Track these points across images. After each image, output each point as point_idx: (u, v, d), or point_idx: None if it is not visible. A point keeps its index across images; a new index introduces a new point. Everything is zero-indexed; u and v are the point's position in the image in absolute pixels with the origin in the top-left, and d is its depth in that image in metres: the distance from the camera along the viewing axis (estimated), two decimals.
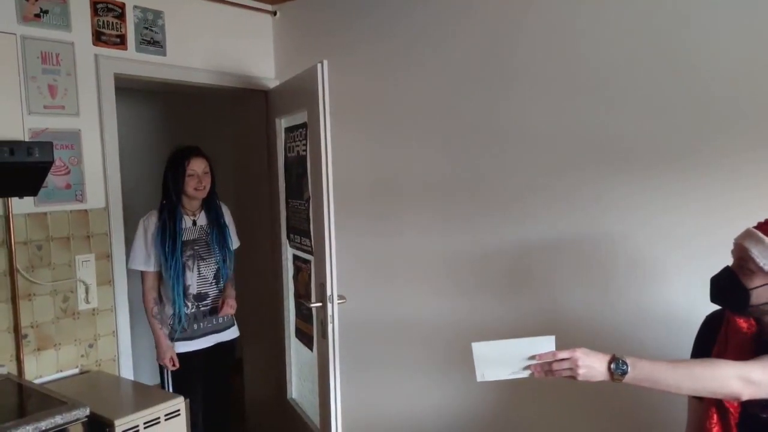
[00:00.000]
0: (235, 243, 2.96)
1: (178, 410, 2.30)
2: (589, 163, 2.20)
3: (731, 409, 1.43)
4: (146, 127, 4.50)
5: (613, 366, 1.28)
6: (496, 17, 2.42)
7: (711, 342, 1.54)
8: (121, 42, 2.72)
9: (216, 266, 2.78)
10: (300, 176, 2.93)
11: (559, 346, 1.34)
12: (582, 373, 1.29)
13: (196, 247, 2.73)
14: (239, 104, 3.51)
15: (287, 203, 3.17)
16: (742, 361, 1.32)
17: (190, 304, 2.71)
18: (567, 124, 2.24)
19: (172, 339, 2.69)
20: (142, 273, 2.67)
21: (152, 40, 2.84)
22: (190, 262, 2.69)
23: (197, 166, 2.69)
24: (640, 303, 2.11)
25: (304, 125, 2.79)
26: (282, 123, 3.17)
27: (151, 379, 4.26)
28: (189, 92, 4.04)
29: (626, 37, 2.09)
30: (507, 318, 2.45)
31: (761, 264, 1.37)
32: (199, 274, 2.73)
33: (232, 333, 2.90)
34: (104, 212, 2.66)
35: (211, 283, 2.78)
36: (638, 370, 1.27)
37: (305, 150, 2.80)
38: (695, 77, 1.95)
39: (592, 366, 1.29)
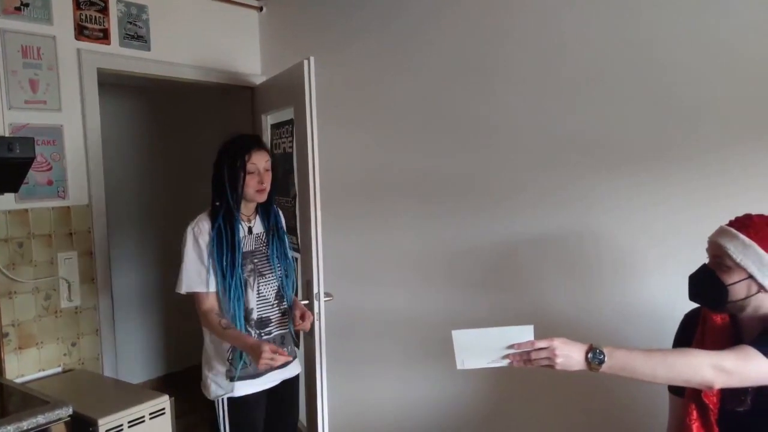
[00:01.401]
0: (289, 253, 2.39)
1: (163, 409, 2.28)
2: (572, 160, 2.20)
3: (710, 405, 1.44)
4: (130, 124, 4.45)
5: (590, 356, 1.29)
6: (483, 16, 2.41)
7: (689, 341, 1.56)
8: (104, 36, 2.69)
9: (277, 283, 2.21)
10: (286, 173, 2.91)
11: (535, 336, 1.35)
12: (560, 362, 1.30)
13: (255, 261, 2.17)
14: (225, 100, 3.49)
15: (274, 200, 3.14)
16: (716, 350, 1.34)
17: (252, 332, 2.13)
18: (551, 122, 2.25)
19: (231, 379, 2.12)
20: (198, 295, 2.10)
21: (136, 35, 2.81)
22: (250, 280, 2.14)
23: (259, 161, 2.12)
24: (622, 299, 2.12)
25: (290, 122, 2.78)
26: (268, 119, 3.15)
27: (135, 377, 4.24)
28: (174, 88, 4.00)
29: (607, 37, 2.09)
30: (491, 314, 2.44)
31: (737, 260, 1.39)
32: (259, 294, 2.16)
33: (296, 366, 2.34)
34: (87, 209, 2.62)
35: (273, 304, 2.20)
36: (615, 360, 1.29)
37: (291, 147, 2.78)
38: (675, 75, 1.96)
39: (570, 355, 1.30)
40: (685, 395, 1.52)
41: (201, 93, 4.19)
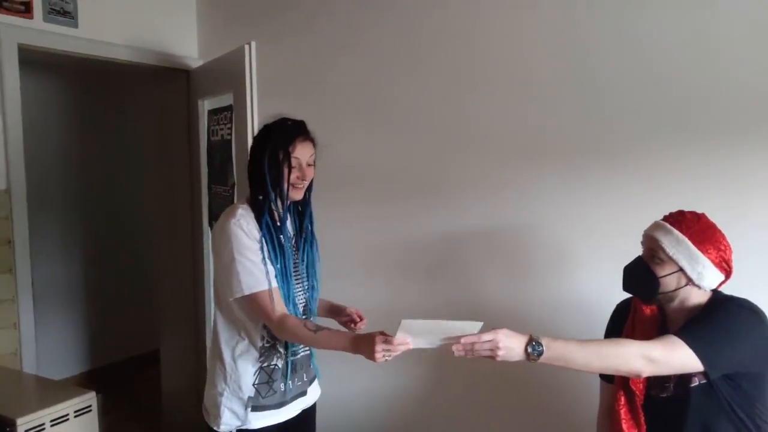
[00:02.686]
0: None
1: (89, 406, 2.16)
2: (514, 157, 2.25)
3: (637, 392, 1.53)
4: (56, 106, 4.21)
5: (529, 349, 1.34)
6: (430, 7, 2.40)
7: (620, 330, 1.64)
8: (26, 10, 2.51)
9: (305, 295, 1.85)
10: (224, 161, 2.82)
11: (482, 331, 1.37)
12: (501, 354, 1.33)
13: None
14: (159, 84, 3.34)
15: (210, 189, 3.05)
16: (646, 340, 1.41)
17: (281, 351, 1.78)
18: (497, 119, 2.28)
19: (254, 409, 1.74)
20: (261, 298, 1.66)
21: (62, 10, 2.64)
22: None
23: (303, 153, 1.75)
24: (558, 289, 2.19)
25: (229, 108, 2.69)
26: (205, 105, 3.04)
27: (58, 373, 4.03)
28: (104, 69, 3.80)
29: (551, 38, 2.15)
30: (434, 307, 2.46)
31: (670, 253, 1.47)
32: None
33: (316, 391, 1.97)
34: (5, 195, 2.45)
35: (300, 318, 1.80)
36: (552, 351, 1.34)
37: (230, 134, 2.70)
38: (604, 78, 2.04)
39: (511, 347, 1.34)
40: (614, 382, 1.60)
41: (133, 75, 4.01)
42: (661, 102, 1.95)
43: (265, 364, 1.75)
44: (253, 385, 1.74)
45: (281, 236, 1.73)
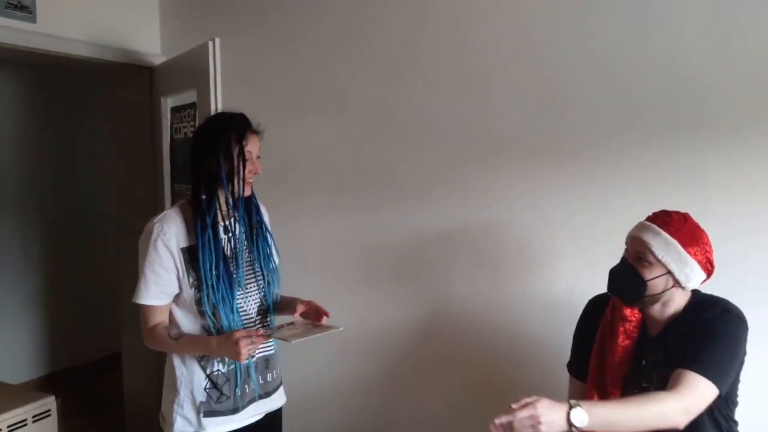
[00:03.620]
0: (275, 256, 1.92)
1: (48, 410, 2.12)
2: (482, 155, 2.26)
3: (612, 391, 1.52)
4: (14, 104, 4.09)
5: (574, 419, 1.26)
6: (397, 6, 2.41)
7: (595, 325, 1.64)
8: None
9: (260, 295, 1.80)
10: (187, 160, 2.77)
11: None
12: (544, 430, 1.25)
13: (232, 268, 1.75)
14: (121, 81, 3.28)
15: (173, 188, 3.00)
16: (673, 390, 1.35)
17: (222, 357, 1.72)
18: (462, 117, 2.29)
19: (207, 414, 1.70)
20: (147, 309, 1.69)
21: (20, 5, 2.56)
22: None
23: (254, 146, 1.72)
24: (527, 289, 2.21)
25: (192, 105, 2.66)
26: (168, 102, 2.99)
27: (15, 377, 3.92)
28: (64, 66, 3.71)
29: (517, 34, 2.17)
30: (398, 308, 2.48)
31: (659, 256, 1.44)
32: (239, 309, 1.75)
33: (281, 396, 1.91)
34: None
35: (255, 321, 1.79)
36: (594, 417, 1.28)
37: (194, 132, 2.66)
38: (570, 77, 2.07)
39: (553, 420, 1.26)
40: (587, 381, 1.59)
41: (94, 72, 3.91)
42: (625, 98, 1.98)
43: (208, 371, 1.70)
44: (205, 389, 1.70)
45: (217, 236, 1.68)
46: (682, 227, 1.46)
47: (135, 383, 3.41)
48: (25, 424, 2.04)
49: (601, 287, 1.64)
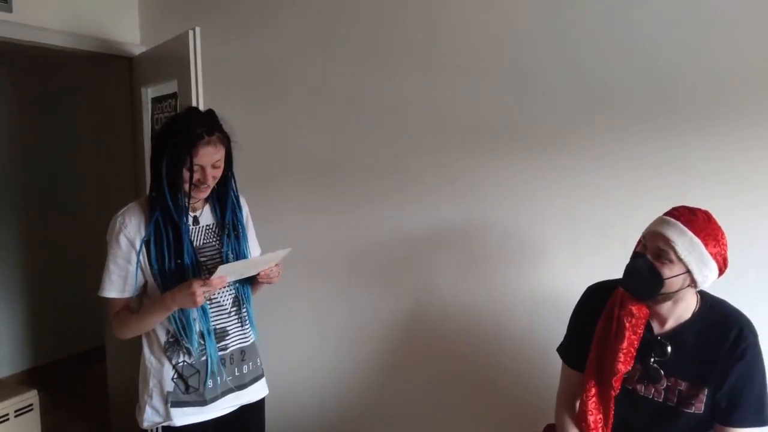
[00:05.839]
0: (255, 250, 1.96)
1: (31, 405, 2.11)
2: (469, 149, 2.24)
3: (615, 386, 1.49)
4: None
5: None
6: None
7: (594, 314, 1.59)
8: None
9: (234, 288, 1.80)
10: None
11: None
12: None
13: (202, 259, 1.74)
14: (100, 71, 3.24)
15: None
16: None
17: (188, 348, 1.71)
18: (447, 109, 2.26)
19: (173, 404, 1.71)
20: (112, 301, 1.73)
21: None
22: None
23: (207, 159, 1.65)
24: (516, 284, 2.19)
25: (173, 95, 2.63)
26: (148, 93, 2.96)
27: None
28: (42, 56, 3.64)
29: (504, 20, 2.13)
30: (383, 301, 2.47)
31: (682, 255, 1.39)
32: (211, 300, 1.75)
33: (261, 389, 1.90)
34: None
35: (230, 312, 1.79)
36: None
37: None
38: (576, 65, 2.03)
39: None
40: (585, 372, 1.57)
41: (73, 62, 3.85)
42: (609, 91, 1.95)
43: (173, 362, 1.71)
44: (172, 379, 1.71)
45: (180, 227, 1.67)
46: (706, 227, 1.41)
47: (120, 376, 3.39)
48: (7, 419, 2.02)
49: (588, 281, 1.63)
